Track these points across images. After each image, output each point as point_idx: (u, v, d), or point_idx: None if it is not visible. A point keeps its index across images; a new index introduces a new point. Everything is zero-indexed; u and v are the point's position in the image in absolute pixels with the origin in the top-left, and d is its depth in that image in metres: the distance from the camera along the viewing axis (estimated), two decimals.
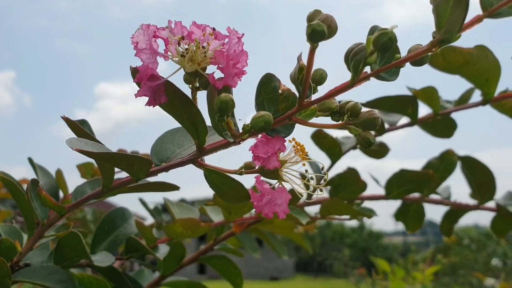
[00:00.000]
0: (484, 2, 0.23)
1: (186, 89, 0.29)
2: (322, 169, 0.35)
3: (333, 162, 0.58)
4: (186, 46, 0.28)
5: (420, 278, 1.35)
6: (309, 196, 0.34)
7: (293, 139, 0.32)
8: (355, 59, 0.24)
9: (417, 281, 1.36)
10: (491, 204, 0.59)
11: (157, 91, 0.27)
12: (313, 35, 0.24)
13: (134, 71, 0.28)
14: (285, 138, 0.31)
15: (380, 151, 0.59)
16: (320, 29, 0.23)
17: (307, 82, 0.26)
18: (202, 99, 0.29)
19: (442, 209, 0.62)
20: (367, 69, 0.27)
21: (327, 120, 0.30)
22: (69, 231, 0.42)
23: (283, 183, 0.32)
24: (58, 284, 0.42)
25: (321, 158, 0.62)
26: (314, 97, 0.29)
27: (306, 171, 0.34)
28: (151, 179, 0.37)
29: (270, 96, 0.29)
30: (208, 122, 0.29)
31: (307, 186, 0.34)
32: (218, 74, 0.27)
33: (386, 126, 0.54)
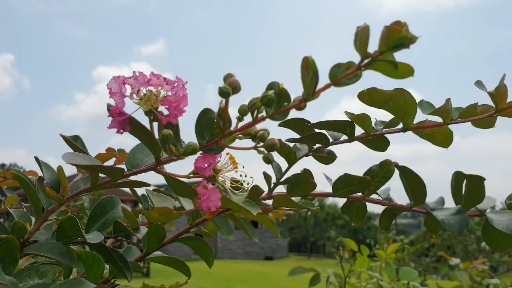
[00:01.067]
0: (331, 75, 0.35)
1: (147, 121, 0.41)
2: (241, 176, 0.47)
3: (290, 165, 0.69)
4: (145, 91, 0.40)
5: (383, 256, 1.48)
6: (240, 194, 0.47)
7: (228, 153, 0.44)
8: (251, 109, 0.37)
9: (381, 259, 1.49)
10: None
11: (124, 123, 0.39)
12: (221, 94, 0.36)
13: (109, 108, 0.40)
14: (222, 153, 0.44)
15: (329, 158, 0.70)
16: (225, 91, 0.35)
17: (225, 120, 0.38)
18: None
19: (431, 189, 0.71)
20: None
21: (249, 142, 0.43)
22: (68, 215, 0.55)
23: (219, 185, 0.44)
24: (59, 256, 0.55)
25: (281, 162, 0.72)
26: (241, 124, 0.42)
27: (241, 175, 0.46)
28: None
29: (206, 125, 0.42)
30: None
31: (238, 188, 0.46)
32: (166, 112, 0.40)
33: (331, 140, 0.65)
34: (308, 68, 0.33)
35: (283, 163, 0.70)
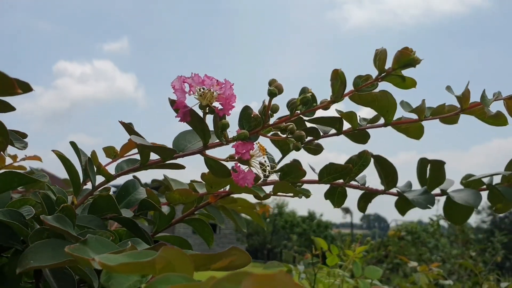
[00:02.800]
0: (354, 83, 0.47)
1: (200, 112, 0.52)
2: (274, 161, 0.58)
3: (283, 155, 0.79)
4: (202, 90, 0.51)
5: (351, 255, 1.61)
6: (266, 176, 0.58)
7: (258, 142, 0.56)
8: (290, 107, 0.48)
9: (349, 258, 1.62)
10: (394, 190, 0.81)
11: (186, 114, 0.50)
12: (270, 95, 0.47)
13: (172, 102, 0.50)
14: (254, 142, 0.55)
15: (317, 150, 0.81)
16: (274, 92, 0.47)
17: (267, 115, 0.49)
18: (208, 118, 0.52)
19: (386, 202, 0.84)
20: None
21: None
22: (107, 193, 0.65)
23: (251, 168, 0.55)
24: (97, 227, 0.64)
25: (275, 152, 0.82)
26: (272, 119, 0.53)
27: (265, 161, 0.57)
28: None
29: (246, 119, 0.52)
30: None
31: (264, 171, 0.57)
32: (220, 107, 0.50)
33: (321, 133, 0.77)
34: (337, 78, 0.45)
35: (276, 153, 0.81)
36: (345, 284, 1.71)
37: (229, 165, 0.57)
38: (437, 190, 0.77)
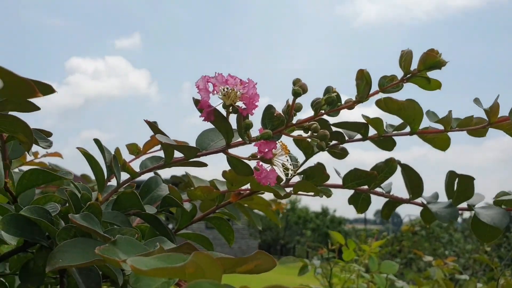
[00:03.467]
0: (380, 84, 0.47)
1: (223, 111, 0.53)
2: (297, 161, 0.59)
3: (307, 158, 0.79)
4: (226, 89, 0.51)
5: (367, 250, 1.62)
6: (287, 176, 0.59)
7: (281, 141, 0.56)
8: (315, 106, 0.48)
9: (364, 253, 1.63)
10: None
11: (210, 113, 0.51)
12: (295, 95, 0.48)
13: (196, 102, 0.51)
14: (276, 142, 0.55)
15: (342, 154, 0.81)
16: (298, 92, 0.47)
17: (291, 115, 0.50)
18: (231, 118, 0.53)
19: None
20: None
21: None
22: (131, 190, 0.66)
23: (274, 167, 0.56)
24: (122, 223, 0.65)
25: (299, 155, 0.82)
26: (296, 118, 0.53)
27: (288, 160, 0.58)
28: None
29: (269, 118, 0.53)
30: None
31: (287, 170, 0.58)
32: (244, 106, 0.51)
33: (347, 138, 0.77)
34: (363, 78, 0.45)
35: (300, 155, 0.81)
36: (361, 279, 1.72)
37: (252, 163, 0.58)
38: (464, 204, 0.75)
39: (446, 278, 1.92)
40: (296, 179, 0.82)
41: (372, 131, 0.75)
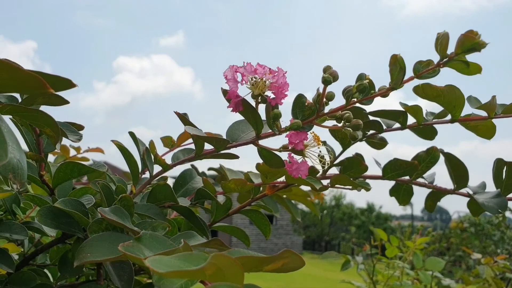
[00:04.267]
0: (415, 69, 0.44)
1: (252, 102, 0.51)
2: (331, 152, 0.57)
3: (344, 149, 0.76)
4: (254, 79, 0.50)
5: (412, 246, 1.57)
6: (322, 168, 0.57)
7: (313, 132, 0.54)
8: (346, 94, 0.46)
9: (409, 249, 1.58)
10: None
11: (238, 104, 0.49)
12: (325, 82, 0.46)
13: (225, 92, 0.50)
14: (308, 132, 0.53)
15: (380, 144, 0.78)
16: (328, 79, 0.45)
17: (322, 104, 0.48)
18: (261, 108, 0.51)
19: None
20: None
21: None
22: (164, 182, 0.66)
23: (305, 158, 0.54)
24: (155, 216, 0.65)
25: (335, 146, 0.81)
26: (327, 108, 0.52)
27: (321, 152, 0.56)
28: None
29: (300, 107, 0.51)
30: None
31: (321, 162, 0.56)
32: (272, 96, 0.50)
33: (384, 127, 0.74)
34: (397, 63, 0.43)
35: (337, 146, 0.79)
36: (405, 276, 1.67)
37: (284, 155, 0.57)
38: None
39: (496, 276, 1.85)
40: (334, 171, 0.80)
41: (411, 120, 0.72)
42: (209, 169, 1.12)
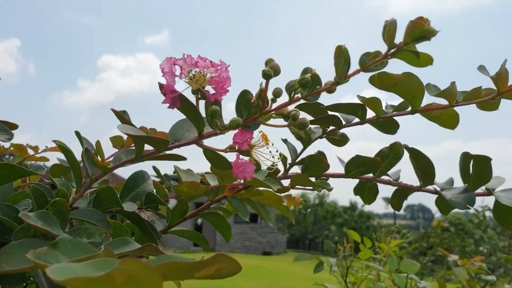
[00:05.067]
0: (361, 62, 0.40)
1: (193, 98, 0.47)
2: (277, 151, 0.53)
3: (305, 147, 0.73)
4: (193, 72, 0.46)
5: (386, 249, 1.54)
6: (270, 168, 0.53)
7: (261, 131, 0.50)
8: (289, 90, 0.42)
9: (383, 252, 1.55)
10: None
11: (175, 100, 0.45)
12: (264, 76, 0.41)
13: (161, 86, 0.46)
14: (255, 131, 0.49)
15: (341, 140, 0.74)
16: (269, 73, 0.41)
17: (265, 100, 0.44)
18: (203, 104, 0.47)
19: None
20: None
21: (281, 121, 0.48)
22: (108, 185, 0.61)
23: (252, 159, 0.50)
24: (98, 222, 0.60)
25: (295, 143, 0.77)
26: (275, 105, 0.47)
27: (270, 152, 0.52)
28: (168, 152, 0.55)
29: (245, 104, 0.47)
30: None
31: (269, 162, 0.52)
32: (212, 91, 0.45)
33: (344, 122, 0.71)
34: (341, 55, 0.39)
35: (298, 144, 0.75)
36: (382, 277, 1.64)
37: (231, 156, 0.52)
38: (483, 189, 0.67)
39: (472, 278, 1.83)
40: (296, 170, 0.77)
41: (371, 113, 0.68)
42: (175, 168, 1.07)
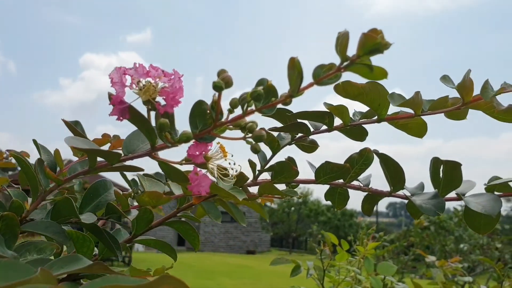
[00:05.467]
0: (315, 74, 0.39)
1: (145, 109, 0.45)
2: (229, 164, 0.51)
3: (274, 153, 0.72)
4: (144, 82, 0.44)
5: (362, 251, 1.53)
6: (228, 181, 0.51)
7: (219, 142, 0.48)
8: (241, 103, 0.40)
9: (360, 254, 1.54)
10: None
11: (124, 111, 0.43)
12: (215, 88, 0.40)
13: (110, 97, 0.43)
14: (213, 142, 0.47)
15: (311, 147, 0.74)
16: (219, 85, 0.39)
17: (218, 111, 0.42)
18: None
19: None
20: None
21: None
22: (64, 196, 0.59)
23: (209, 172, 0.48)
24: (54, 234, 0.58)
25: (265, 150, 0.75)
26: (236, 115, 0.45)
27: (229, 164, 0.50)
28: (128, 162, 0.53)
29: (200, 116, 0.45)
30: None
31: (226, 175, 0.50)
32: (163, 102, 0.43)
33: (312, 129, 0.69)
34: (294, 68, 0.37)
35: (268, 151, 0.74)
36: (359, 279, 1.63)
37: (188, 168, 0.50)
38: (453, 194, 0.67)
39: (448, 280, 1.83)
40: (266, 176, 0.75)
41: (339, 121, 0.67)
42: (145, 175, 1.05)
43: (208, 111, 0.45)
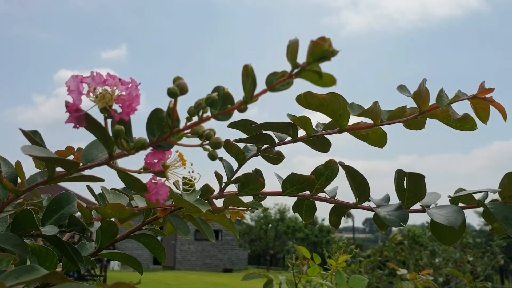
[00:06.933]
0: (268, 81, 0.40)
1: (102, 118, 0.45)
2: (192, 172, 0.51)
3: (240, 165, 0.73)
4: (100, 90, 0.44)
5: (334, 265, 1.54)
6: (187, 190, 0.51)
7: (178, 151, 0.48)
8: (197, 109, 0.41)
9: (332, 267, 1.55)
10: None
11: (80, 119, 0.43)
12: (169, 95, 0.40)
13: (67, 105, 0.43)
14: (172, 151, 0.47)
15: (277, 158, 0.74)
16: (174, 91, 0.40)
17: (174, 118, 0.42)
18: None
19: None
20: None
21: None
22: (23, 208, 0.58)
23: (167, 181, 0.48)
24: (13, 247, 0.57)
25: (231, 161, 0.76)
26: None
27: (189, 172, 0.50)
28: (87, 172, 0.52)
29: (157, 123, 0.45)
30: None
31: (185, 184, 0.50)
32: (120, 110, 0.43)
33: (277, 140, 0.70)
34: (248, 75, 0.38)
35: (234, 163, 0.74)
36: None
37: (147, 177, 0.50)
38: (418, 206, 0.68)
39: None
40: (233, 188, 0.75)
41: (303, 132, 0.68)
42: (112, 189, 1.04)
43: (165, 119, 0.46)
